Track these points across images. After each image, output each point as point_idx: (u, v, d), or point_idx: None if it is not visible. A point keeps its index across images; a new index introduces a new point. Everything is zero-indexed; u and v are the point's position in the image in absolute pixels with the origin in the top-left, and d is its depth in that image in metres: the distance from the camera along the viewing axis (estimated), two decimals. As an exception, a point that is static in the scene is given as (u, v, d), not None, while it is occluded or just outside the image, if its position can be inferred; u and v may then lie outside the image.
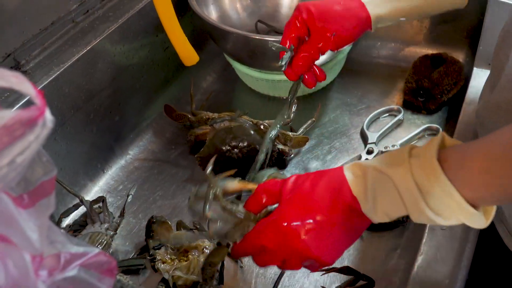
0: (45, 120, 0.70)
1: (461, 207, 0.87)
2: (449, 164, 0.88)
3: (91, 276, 0.84)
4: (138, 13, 1.65)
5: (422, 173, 0.89)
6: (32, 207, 0.79)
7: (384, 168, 0.94)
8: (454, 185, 0.86)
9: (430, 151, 0.90)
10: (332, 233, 0.99)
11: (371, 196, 0.95)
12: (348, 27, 1.29)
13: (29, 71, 1.42)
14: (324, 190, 1.00)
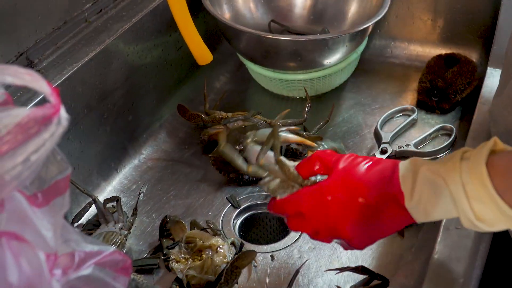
0: (60, 118, 0.70)
1: (504, 213, 0.88)
2: (496, 170, 0.88)
3: (106, 275, 0.84)
4: (151, 12, 1.65)
5: (469, 177, 0.90)
6: (47, 205, 0.79)
7: (437, 169, 0.95)
8: (499, 191, 0.87)
9: (480, 155, 0.90)
10: (371, 220, 1.01)
11: (417, 194, 0.96)
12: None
13: (42, 70, 1.42)
14: (375, 176, 1.01)
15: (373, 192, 1.00)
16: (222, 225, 1.46)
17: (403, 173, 0.99)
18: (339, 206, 1.01)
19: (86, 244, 0.84)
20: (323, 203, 1.02)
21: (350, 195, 1.01)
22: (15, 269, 0.72)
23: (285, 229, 1.47)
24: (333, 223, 1.03)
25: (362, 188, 1.01)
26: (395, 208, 0.99)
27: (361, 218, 1.01)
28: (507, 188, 0.87)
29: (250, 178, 1.54)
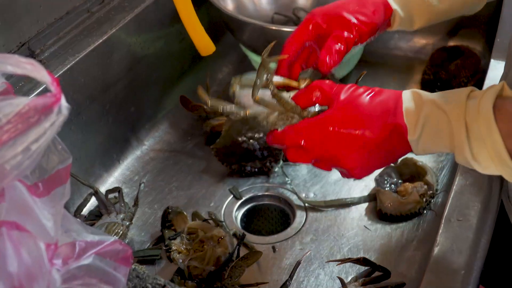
0: (61, 107, 0.71)
1: (501, 158, 0.90)
2: (502, 114, 0.90)
3: (107, 265, 0.84)
4: (154, 3, 1.65)
5: (474, 116, 0.92)
6: (47, 195, 0.80)
7: (442, 104, 0.96)
8: (504, 136, 0.89)
9: (488, 96, 0.92)
10: (372, 151, 1.01)
11: (420, 126, 0.97)
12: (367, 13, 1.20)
13: (44, 61, 1.42)
14: (379, 107, 1.01)
15: (377, 123, 1.00)
16: (224, 216, 1.46)
17: (407, 106, 0.99)
18: (342, 137, 1.01)
19: (87, 234, 0.85)
20: (325, 134, 1.02)
21: (353, 126, 1.01)
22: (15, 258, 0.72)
23: (287, 220, 1.48)
24: (335, 154, 1.03)
25: (365, 119, 1.01)
26: (397, 140, 1.00)
27: (363, 149, 1.01)
28: (510, 134, 0.89)
29: (252, 169, 1.55)
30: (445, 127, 0.96)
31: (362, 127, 1.00)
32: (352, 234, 1.40)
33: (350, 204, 1.47)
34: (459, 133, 0.93)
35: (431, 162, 1.55)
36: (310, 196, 1.50)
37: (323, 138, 1.03)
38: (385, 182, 1.48)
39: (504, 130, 0.89)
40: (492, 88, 0.93)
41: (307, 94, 1.08)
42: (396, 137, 1.00)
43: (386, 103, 1.01)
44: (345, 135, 1.01)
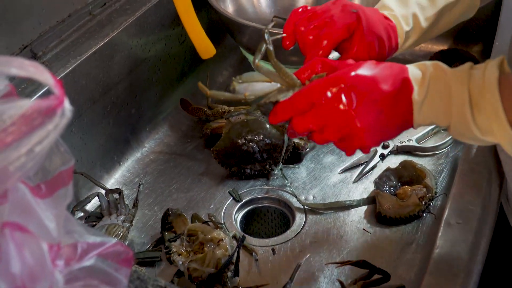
0: (64, 109, 0.71)
1: (503, 127, 0.92)
2: (504, 87, 0.93)
3: (108, 266, 0.84)
4: (155, 6, 1.66)
5: (478, 83, 0.95)
6: (50, 196, 0.80)
7: (446, 68, 0.99)
8: (507, 109, 0.92)
9: (492, 67, 0.94)
10: (382, 110, 1.01)
11: (425, 86, 0.99)
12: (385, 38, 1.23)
13: (46, 63, 1.42)
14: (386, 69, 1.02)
15: (387, 79, 1.00)
16: (223, 219, 1.46)
17: (412, 70, 1.02)
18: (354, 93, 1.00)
19: (89, 235, 0.85)
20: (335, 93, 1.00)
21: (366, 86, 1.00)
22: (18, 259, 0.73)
23: (287, 223, 1.48)
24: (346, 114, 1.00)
25: (375, 78, 1.01)
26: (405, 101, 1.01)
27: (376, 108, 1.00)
28: (510, 110, 0.92)
29: (252, 171, 1.55)
30: (446, 92, 0.98)
31: (373, 81, 1.00)
32: (351, 236, 1.41)
33: (349, 206, 1.47)
34: (461, 96, 0.96)
35: (430, 165, 1.55)
36: (309, 199, 1.50)
37: (335, 95, 1.00)
38: (384, 185, 1.49)
39: (506, 102, 0.92)
40: (492, 61, 0.96)
41: (310, 67, 1.08)
42: (403, 97, 1.00)
43: (393, 66, 1.03)
44: (357, 90, 1.00)
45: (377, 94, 1.00)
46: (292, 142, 1.56)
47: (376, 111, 1.01)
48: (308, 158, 1.62)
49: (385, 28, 1.21)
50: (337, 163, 1.60)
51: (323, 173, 1.57)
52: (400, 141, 1.60)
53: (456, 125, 0.99)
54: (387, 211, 1.42)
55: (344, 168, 1.57)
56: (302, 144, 1.59)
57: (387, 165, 1.55)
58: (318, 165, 1.59)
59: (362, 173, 1.55)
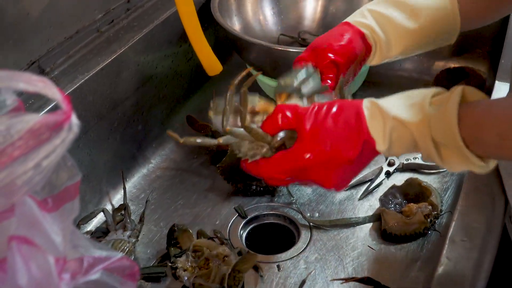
0: (71, 124, 0.71)
1: (470, 161, 0.95)
2: (467, 124, 0.94)
3: (114, 280, 0.85)
4: (162, 23, 1.67)
5: (440, 129, 0.96)
6: (56, 211, 0.80)
7: (403, 119, 0.99)
8: (470, 143, 0.94)
9: (451, 106, 0.95)
10: (347, 168, 1.05)
11: (387, 139, 1.01)
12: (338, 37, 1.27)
13: (54, 79, 1.43)
14: (344, 126, 1.03)
15: (347, 143, 1.03)
16: (229, 235, 1.47)
17: (370, 121, 1.02)
18: (317, 163, 1.04)
19: (95, 249, 0.85)
20: (300, 164, 1.05)
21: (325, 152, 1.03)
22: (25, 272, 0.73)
23: (292, 239, 1.48)
24: (313, 179, 1.07)
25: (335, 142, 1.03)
26: (368, 153, 1.04)
27: (339, 168, 1.04)
28: (474, 141, 0.94)
29: (257, 188, 1.55)
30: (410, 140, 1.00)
31: (335, 149, 1.03)
32: (356, 253, 1.41)
33: (354, 224, 1.47)
34: (426, 144, 0.98)
35: (435, 183, 1.56)
36: (315, 216, 1.51)
37: (299, 168, 1.06)
38: (389, 202, 1.49)
39: (468, 138, 0.94)
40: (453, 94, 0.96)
41: (272, 120, 1.09)
42: (367, 151, 1.03)
43: (350, 120, 1.03)
44: (320, 161, 1.04)
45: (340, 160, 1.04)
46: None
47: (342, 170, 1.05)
48: (314, 175, 1.62)
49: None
50: (343, 180, 1.60)
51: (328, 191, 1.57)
52: (405, 159, 1.60)
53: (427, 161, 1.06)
54: (392, 228, 1.42)
55: (349, 185, 1.57)
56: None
57: (393, 183, 1.55)
58: (324, 182, 1.60)
59: (368, 191, 1.56)
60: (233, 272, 1.29)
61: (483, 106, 0.96)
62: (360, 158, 1.04)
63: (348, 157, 1.03)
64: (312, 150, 1.04)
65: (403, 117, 0.99)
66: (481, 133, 0.93)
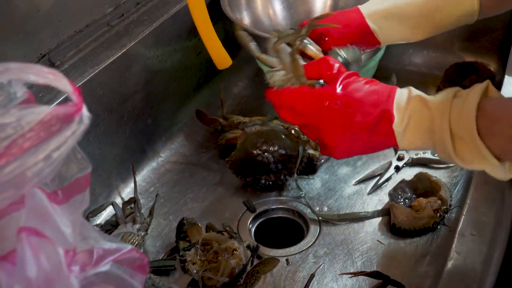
0: (82, 116, 0.72)
1: (484, 157, 0.95)
2: (485, 114, 0.95)
3: (124, 272, 0.85)
4: (172, 17, 1.67)
5: (458, 116, 0.97)
6: (66, 202, 0.81)
7: (428, 101, 1.02)
8: (484, 136, 0.94)
9: (473, 96, 0.96)
10: (357, 134, 1.07)
11: (406, 118, 1.02)
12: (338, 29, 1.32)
13: (64, 72, 1.43)
14: (373, 94, 1.06)
15: (368, 109, 1.05)
16: (238, 228, 1.47)
17: (398, 98, 1.05)
18: (333, 113, 1.06)
19: (105, 241, 0.86)
20: (319, 106, 1.07)
21: (345, 106, 1.06)
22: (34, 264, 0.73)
23: (301, 233, 1.48)
24: (322, 127, 1.08)
25: (358, 102, 1.06)
26: (383, 128, 1.05)
27: (349, 129, 1.06)
28: (488, 132, 0.94)
29: (266, 182, 1.55)
30: (429, 123, 1.01)
31: (354, 108, 1.05)
32: (365, 248, 1.41)
33: (363, 218, 1.47)
34: (442, 130, 0.98)
35: (445, 177, 1.55)
36: (324, 210, 1.51)
37: (316, 109, 1.08)
38: (399, 196, 1.49)
39: (484, 129, 0.94)
40: (477, 87, 0.98)
41: (316, 66, 1.14)
42: (383, 126, 1.05)
43: (381, 92, 1.06)
44: (337, 112, 1.06)
45: (355, 120, 1.06)
46: (307, 153, 1.57)
47: (351, 133, 1.07)
48: (323, 170, 1.62)
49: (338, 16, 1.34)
50: (352, 174, 1.60)
51: (337, 184, 1.57)
52: (415, 153, 1.60)
53: (440, 155, 1.03)
54: (401, 223, 1.42)
55: (358, 179, 1.57)
56: (317, 156, 1.59)
57: (402, 177, 1.55)
58: (333, 177, 1.60)
59: (377, 185, 1.55)
60: (253, 271, 1.30)
61: (502, 101, 0.98)
62: (372, 130, 1.05)
63: (361, 120, 1.05)
64: (334, 99, 1.06)
65: (427, 97, 1.03)
66: (496, 125, 0.94)
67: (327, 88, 1.09)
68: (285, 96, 1.12)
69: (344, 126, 1.06)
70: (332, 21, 1.32)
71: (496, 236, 1.16)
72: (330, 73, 1.11)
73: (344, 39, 1.33)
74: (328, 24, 1.29)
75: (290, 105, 1.11)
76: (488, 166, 0.97)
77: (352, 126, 1.06)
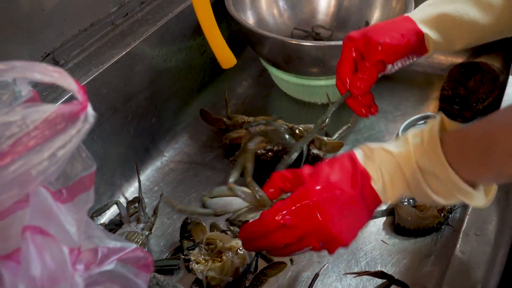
0: (87, 115, 0.72)
1: (459, 187, 0.95)
2: (449, 147, 0.95)
3: (128, 271, 0.85)
4: (177, 17, 1.67)
5: (424, 156, 0.97)
6: (71, 201, 0.81)
7: (389, 149, 1.02)
8: (453, 167, 0.95)
9: (433, 132, 0.97)
10: (351, 210, 1.04)
11: (379, 174, 1.02)
12: (395, 35, 1.28)
13: (68, 71, 1.43)
14: (341, 169, 1.05)
15: (345, 183, 1.04)
16: (242, 228, 1.47)
17: (360, 158, 1.05)
18: (323, 204, 1.03)
19: (109, 240, 0.86)
20: (303, 208, 1.04)
21: (327, 193, 1.04)
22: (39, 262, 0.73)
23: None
24: (317, 225, 1.04)
25: (334, 183, 1.04)
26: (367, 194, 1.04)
27: (345, 211, 1.04)
28: (460, 166, 0.95)
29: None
30: (398, 171, 1.01)
31: (334, 190, 1.03)
32: (369, 248, 1.41)
33: (368, 218, 1.47)
34: (413, 173, 0.99)
35: (449, 177, 1.55)
36: (328, 209, 1.50)
37: (301, 212, 1.04)
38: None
39: (452, 161, 0.95)
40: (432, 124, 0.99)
41: (272, 183, 1.14)
42: (365, 190, 1.04)
43: (344, 162, 1.06)
44: (325, 201, 1.03)
45: (344, 198, 1.04)
46: (311, 153, 1.56)
47: (345, 213, 1.04)
48: (327, 169, 1.62)
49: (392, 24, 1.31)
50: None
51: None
52: (419, 153, 1.60)
53: (419, 199, 1.03)
54: (406, 223, 1.42)
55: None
56: (321, 155, 1.59)
57: (406, 177, 1.54)
58: (337, 176, 1.59)
59: (381, 185, 1.55)
60: (260, 274, 1.30)
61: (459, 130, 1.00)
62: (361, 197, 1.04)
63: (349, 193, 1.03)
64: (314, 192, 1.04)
65: (389, 148, 1.03)
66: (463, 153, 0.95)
67: (302, 189, 1.06)
68: (268, 217, 1.07)
69: (338, 210, 1.04)
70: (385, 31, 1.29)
71: (500, 236, 1.16)
72: (288, 183, 1.12)
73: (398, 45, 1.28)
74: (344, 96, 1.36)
75: (276, 226, 1.06)
76: (466, 196, 0.97)
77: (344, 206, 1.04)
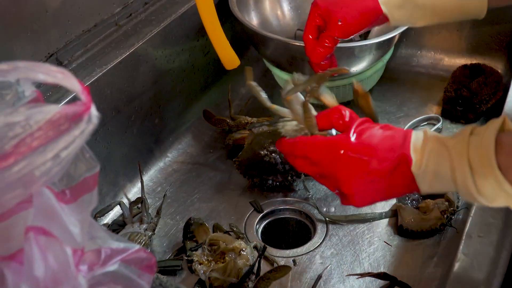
0: (91, 115, 0.72)
1: (507, 192, 0.92)
2: (503, 148, 0.92)
3: (131, 272, 0.85)
4: (180, 17, 1.67)
5: (477, 153, 0.94)
6: (74, 202, 0.80)
7: (445, 140, 0.99)
8: (504, 169, 0.91)
9: (490, 132, 0.94)
10: (375, 181, 1.04)
11: (425, 160, 1.00)
12: (354, 14, 1.32)
13: (71, 72, 1.43)
14: (388, 139, 1.04)
15: (385, 154, 1.02)
16: (245, 229, 1.47)
17: (415, 141, 1.02)
18: (349, 161, 1.04)
19: (112, 241, 0.86)
20: (334, 155, 1.05)
21: (361, 153, 1.03)
22: (42, 263, 0.73)
23: (308, 234, 1.48)
24: (339, 176, 1.05)
25: (374, 149, 1.03)
26: (402, 173, 1.02)
27: (367, 177, 1.03)
28: (509, 167, 0.92)
29: (274, 183, 1.55)
30: (448, 162, 0.98)
31: (370, 155, 1.03)
32: (372, 249, 1.41)
33: (371, 219, 1.47)
34: (462, 168, 0.96)
35: (452, 179, 1.55)
36: (331, 211, 1.51)
37: (331, 158, 1.05)
38: (406, 198, 1.49)
39: (504, 165, 0.92)
40: (494, 123, 0.96)
41: (328, 116, 1.12)
42: (401, 170, 1.02)
43: (396, 137, 1.04)
44: (352, 160, 1.03)
45: (372, 167, 1.03)
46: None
47: (369, 181, 1.04)
48: (330, 170, 1.62)
49: None
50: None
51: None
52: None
53: (463, 195, 1.00)
54: (408, 224, 1.42)
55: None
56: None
57: (409, 178, 1.54)
58: (340, 177, 1.59)
59: (384, 186, 1.55)
60: (264, 277, 1.30)
61: None
62: (391, 176, 1.03)
63: (378, 167, 1.02)
64: (349, 146, 1.04)
65: (443, 137, 1.01)
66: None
67: (341, 137, 1.06)
68: (299, 146, 1.10)
69: (361, 174, 1.04)
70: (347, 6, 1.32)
71: (503, 238, 1.16)
72: (342, 122, 1.10)
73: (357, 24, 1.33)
74: (335, 69, 1.28)
75: (304, 155, 1.09)
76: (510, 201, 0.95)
77: (369, 174, 1.03)
